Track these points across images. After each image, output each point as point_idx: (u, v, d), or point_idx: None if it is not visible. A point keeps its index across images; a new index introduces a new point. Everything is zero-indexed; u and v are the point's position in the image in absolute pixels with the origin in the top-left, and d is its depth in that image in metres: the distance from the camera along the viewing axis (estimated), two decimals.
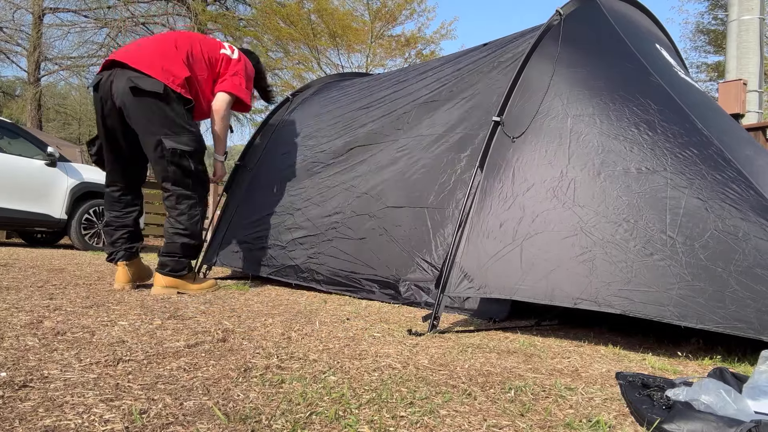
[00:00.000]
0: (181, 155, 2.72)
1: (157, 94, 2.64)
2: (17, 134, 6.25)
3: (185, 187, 2.80)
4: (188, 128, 2.75)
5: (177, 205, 2.81)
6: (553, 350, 1.99)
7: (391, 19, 15.62)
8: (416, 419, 1.16)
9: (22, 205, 5.90)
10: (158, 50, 2.78)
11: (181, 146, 2.71)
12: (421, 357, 1.73)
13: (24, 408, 1.08)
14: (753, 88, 6.10)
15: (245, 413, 1.13)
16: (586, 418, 1.23)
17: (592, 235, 2.07)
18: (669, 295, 1.86)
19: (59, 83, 20.42)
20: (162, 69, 2.69)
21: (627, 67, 2.54)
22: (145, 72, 2.66)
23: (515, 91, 2.49)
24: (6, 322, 1.83)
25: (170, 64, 2.73)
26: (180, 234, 2.81)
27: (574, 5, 2.73)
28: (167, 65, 2.72)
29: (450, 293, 2.24)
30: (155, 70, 2.67)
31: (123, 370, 1.39)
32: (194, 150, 2.77)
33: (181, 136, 2.72)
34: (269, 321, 2.20)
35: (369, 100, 3.55)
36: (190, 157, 2.76)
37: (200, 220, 2.87)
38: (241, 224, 3.75)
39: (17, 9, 16.13)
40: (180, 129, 2.72)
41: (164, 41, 2.86)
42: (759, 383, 1.29)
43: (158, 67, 2.69)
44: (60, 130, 24.25)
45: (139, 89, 2.63)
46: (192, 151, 2.76)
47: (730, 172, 2.06)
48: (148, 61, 2.70)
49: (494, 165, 2.39)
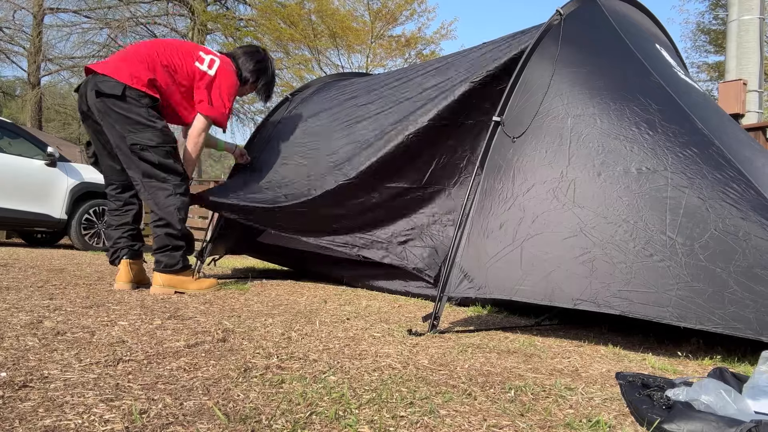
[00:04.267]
0: (142, 149, 2.80)
1: (116, 96, 2.76)
2: (17, 134, 6.25)
3: (157, 179, 2.86)
4: (150, 124, 2.82)
5: (150, 197, 2.87)
6: (553, 350, 1.99)
7: (391, 19, 15.63)
8: (416, 419, 1.16)
9: (22, 205, 5.90)
10: (124, 56, 2.93)
11: (143, 141, 2.79)
12: (421, 357, 1.73)
13: (24, 408, 1.08)
14: (753, 88, 6.10)
15: (245, 413, 1.13)
16: (586, 418, 1.23)
17: (592, 236, 2.07)
18: (668, 296, 1.86)
19: (59, 83, 20.44)
20: (125, 72, 2.81)
21: (627, 66, 2.54)
22: (109, 75, 2.79)
23: (515, 90, 2.49)
24: (6, 322, 1.83)
25: (133, 67, 2.84)
26: (158, 225, 2.86)
27: (575, 5, 2.73)
28: (131, 69, 2.83)
29: (450, 293, 2.24)
30: (119, 74, 2.80)
31: (123, 370, 1.39)
32: (157, 144, 2.82)
33: (144, 132, 2.80)
34: (269, 321, 2.20)
35: (367, 98, 3.56)
36: (153, 150, 2.82)
37: (179, 210, 2.87)
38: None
39: (18, 10, 16.13)
40: (142, 126, 2.80)
41: (134, 49, 3.00)
42: (759, 383, 1.29)
43: (121, 70, 2.82)
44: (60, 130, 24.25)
45: (101, 92, 2.77)
46: (155, 145, 2.82)
47: (730, 171, 2.06)
48: (113, 66, 2.84)
49: (494, 165, 2.39)
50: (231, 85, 3.10)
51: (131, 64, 2.85)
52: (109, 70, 2.81)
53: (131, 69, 2.82)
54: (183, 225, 2.89)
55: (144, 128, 2.79)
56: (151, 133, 2.80)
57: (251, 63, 3.26)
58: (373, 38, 15.64)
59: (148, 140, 2.79)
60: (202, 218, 9.75)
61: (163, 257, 2.85)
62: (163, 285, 2.83)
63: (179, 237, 2.88)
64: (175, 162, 2.90)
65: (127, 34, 16.07)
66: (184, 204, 2.90)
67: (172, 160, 2.89)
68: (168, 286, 2.84)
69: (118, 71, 2.81)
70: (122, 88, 2.75)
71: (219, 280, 3.23)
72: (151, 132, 2.80)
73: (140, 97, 2.79)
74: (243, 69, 3.23)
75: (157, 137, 2.82)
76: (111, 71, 2.80)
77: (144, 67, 2.85)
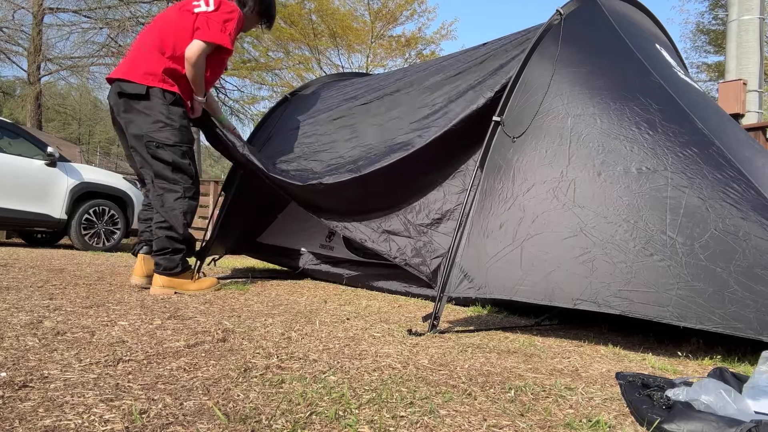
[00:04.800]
0: (158, 147, 2.82)
1: (140, 95, 2.81)
2: (17, 134, 6.25)
3: (167, 180, 2.87)
4: (169, 123, 2.84)
5: (158, 198, 2.87)
6: (553, 350, 1.99)
7: (391, 19, 15.63)
8: (416, 419, 1.16)
9: (22, 205, 5.90)
10: (136, 54, 2.94)
11: (160, 139, 2.82)
12: (421, 357, 1.73)
13: (24, 408, 1.08)
14: (753, 88, 6.10)
15: (245, 413, 1.13)
16: (586, 418, 1.23)
17: (592, 235, 2.07)
18: (669, 296, 1.86)
19: (59, 83, 20.44)
20: (140, 72, 2.84)
21: (627, 66, 2.54)
22: (127, 78, 2.84)
23: (515, 90, 2.49)
24: (6, 322, 1.83)
25: (146, 63, 2.86)
26: (162, 227, 2.86)
27: (575, 5, 2.73)
28: (144, 66, 2.85)
29: (450, 293, 2.24)
30: (135, 75, 2.84)
31: (123, 370, 1.39)
32: (173, 143, 2.84)
33: (162, 131, 2.83)
34: (269, 321, 2.20)
35: (366, 98, 3.57)
36: (169, 149, 2.84)
37: (185, 214, 2.87)
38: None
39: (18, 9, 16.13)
40: (162, 124, 2.83)
41: (141, 40, 3.00)
42: (759, 383, 1.29)
43: (137, 70, 2.85)
44: (60, 130, 24.26)
45: (123, 92, 2.83)
46: (171, 144, 2.84)
47: (730, 171, 2.06)
48: (128, 67, 2.89)
49: (494, 165, 2.39)
50: (232, 9, 3.02)
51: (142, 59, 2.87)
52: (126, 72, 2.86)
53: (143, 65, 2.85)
54: (186, 229, 2.90)
55: (164, 126, 2.83)
56: (169, 131, 2.83)
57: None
58: (373, 38, 15.65)
59: (165, 138, 2.82)
60: (202, 218, 9.75)
61: (163, 260, 2.86)
62: (163, 286, 2.83)
63: (180, 240, 2.88)
64: (189, 164, 2.91)
65: (127, 34, 16.05)
66: (191, 208, 2.91)
67: (187, 160, 2.90)
68: (167, 287, 2.84)
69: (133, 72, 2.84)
70: (145, 89, 2.80)
71: (220, 280, 3.23)
72: (169, 131, 2.83)
73: (162, 93, 2.83)
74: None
75: (175, 136, 2.84)
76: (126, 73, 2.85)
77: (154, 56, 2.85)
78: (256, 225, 4.29)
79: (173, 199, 2.85)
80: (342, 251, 3.98)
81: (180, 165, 2.86)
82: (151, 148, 2.82)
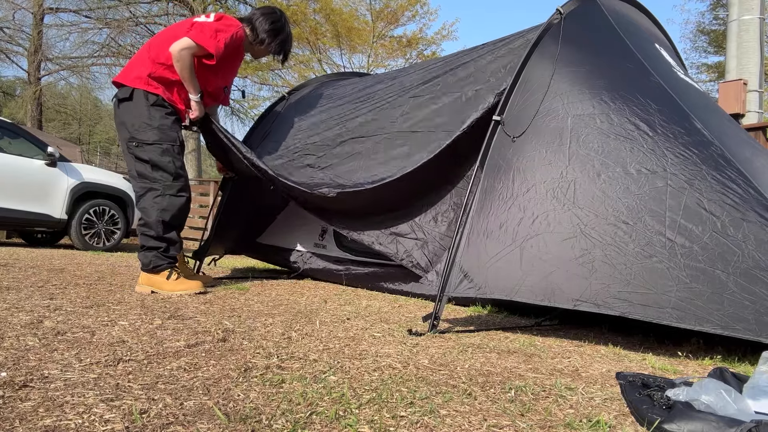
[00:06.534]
0: (137, 146, 2.89)
1: (126, 99, 2.91)
2: (17, 134, 6.24)
3: (147, 179, 2.92)
4: (149, 123, 2.90)
5: (140, 197, 2.93)
6: (553, 350, 1.99)
7: (393, 19, 15.64)
8: (416, 419, 1.16)
9: (22, 205, 5.90)
10: (133, 59, 3.06)
11: (139, 137, 2.89)
12: (422, 357, 1.73)
13: (24, 408, 1.08)
14: (753, 88, 6.10)
15: (245, 413, 1.13)
16: (586, 418, 1.23)
17: (592, 236, 2.07)
18: (668, 297, 1.86)
19: (59, 83, 20.43)
20: (131, 76, 2.94)
21: (627, 66, 2.53)
22: (121, 82, 2.95)
23: (515, 90, 2.49)
24: (6, 322, 1.84)
25: (137, 68, 2.95)
26: (139, 224, 2.94)
27: (575, 4, 2.73)
28: (135, 71, 2.95)
29: (450, 293, 2.24)
30: (127, 79, 2.94)
31: (123, 370, 1.39)
32: (152, 142, 2.89)
33: (142, 130, 2.90)
34: (269, 321, 2.20)
35: (363, 95, 3.58)
36: (148, 147, 2.89)
37: (164, 211, 2.88)
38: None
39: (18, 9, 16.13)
40: (142, 124, 2.90)
41: (142, 47, 3.11)
42: (759, 383, 1.29)
43: (129, 75, 2.95)
44: (60, 130, 24.26)
45: (117, 97, 2.96)
46: (150, 142, 2.89)
47: (730, 172, 2.06)
48: (123, 72, 3.00)
49: (494, 165, 2.39)
50: (231, 24, 3.04)
51: (136, 63, 2.99)
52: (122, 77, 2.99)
53: (135, 69, 2.96)
54: (163, 227, 2.89)
55: (143, 126, 2.90)
56: (149, 130, 2.90)
57: (267, 23, 3.20)
58: (375, 38, 15.66)
59: (145, 138, 2.89)
60: (202, 218, 9.74)
61: (140, 256, 2.93)
62: (140, 284, 2.90)
63: (155, 238, 2.90)
64: (171, 161, 2.92)
65: (126, 34, 16.06)
66: (173, 205, 2.90)
67: (168, 158, 2.91)
68: (145, 284, 2.89)
69: (126, 76, 2.96)
70: (130, 91, 2.90)
71: (220, 280, 3.23)
72: (149, 129, 2.90)
73: (145, 96, 2.90)
74: (259, 30, 3.18)
75: (154, 135, 2.90)
76: (121, 77, 2.98)
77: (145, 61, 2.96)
78: (255, 225, 4.29)
79: (152, 197, 2.90)
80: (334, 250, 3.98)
81: (158, 163, 2.89)
82: (132, 148, 2.90)
